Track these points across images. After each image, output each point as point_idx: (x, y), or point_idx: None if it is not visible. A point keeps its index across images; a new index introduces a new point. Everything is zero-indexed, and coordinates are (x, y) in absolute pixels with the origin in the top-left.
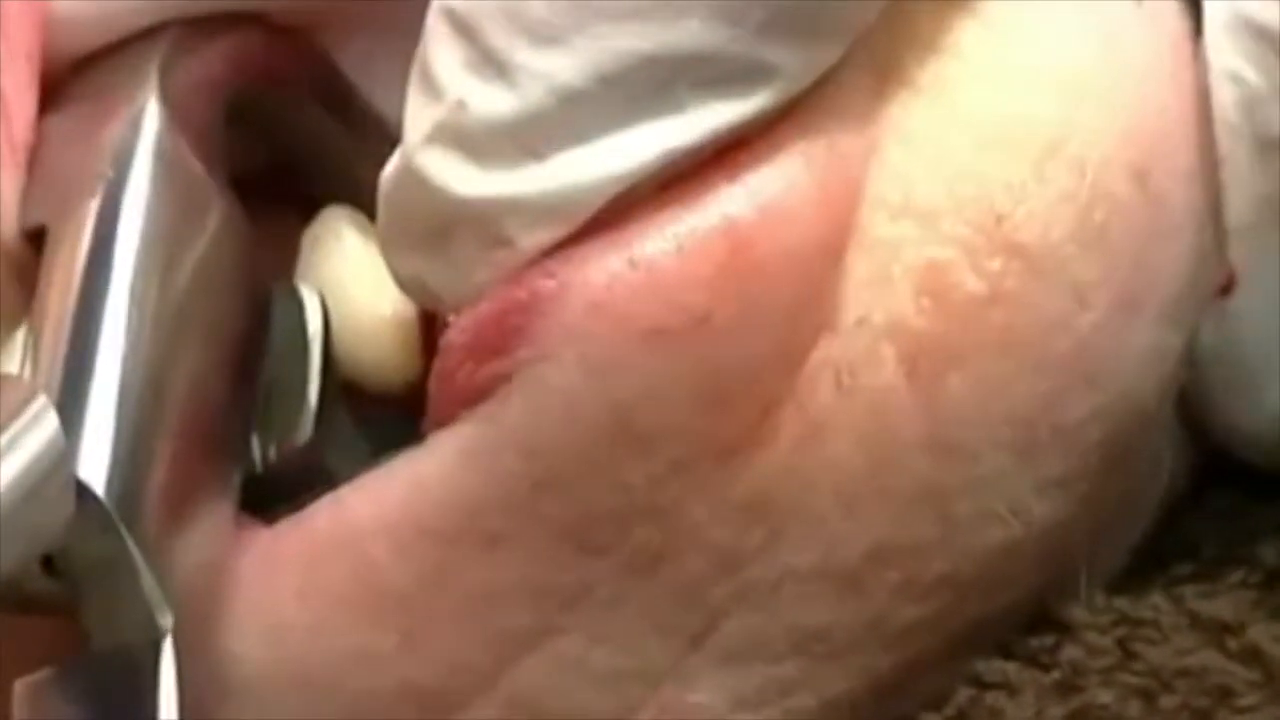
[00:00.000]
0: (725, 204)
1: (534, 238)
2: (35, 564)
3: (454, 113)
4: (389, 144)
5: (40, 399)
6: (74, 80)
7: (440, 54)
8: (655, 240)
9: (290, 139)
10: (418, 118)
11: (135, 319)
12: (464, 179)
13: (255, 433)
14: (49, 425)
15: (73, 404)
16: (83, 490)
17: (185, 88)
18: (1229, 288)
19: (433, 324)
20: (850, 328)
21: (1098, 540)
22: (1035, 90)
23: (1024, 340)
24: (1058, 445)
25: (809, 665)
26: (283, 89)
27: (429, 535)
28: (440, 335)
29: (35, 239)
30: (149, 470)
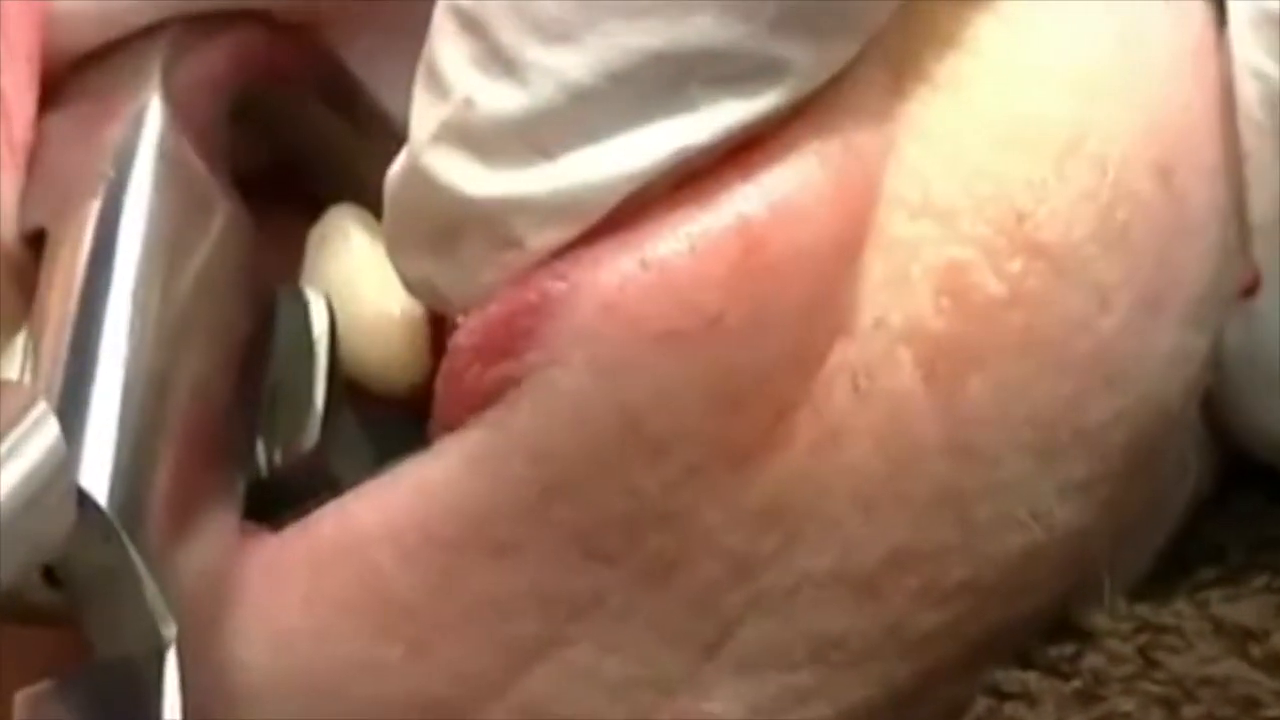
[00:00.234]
0: (739, 203)
1: (543, 238)
2: (36, 574)
3: (461, 111)
4: (396, 142)
5: (40, 405)
6: (74, 79)
7: (447, 51)
8: (667, 240)
9: (295, 137)
10: (424, 116)
11: (137, 323)
12: (472, 178)
13: (260, 438)
14: (49, 432)
15: (74, 410)
16: (84, 498)
17: (188, 86)
18: (1253, 288)
19: (441, 325)
20: (867, 329)
21: (1121, 545)
22: (1055, 87)
23: (1045, 342)
24: (1080, 448)
25: (826, 673)
26: (287, 87)
27: (436, 542)
28: (449, 336)
29: (35, 241)
30: (152, 477)
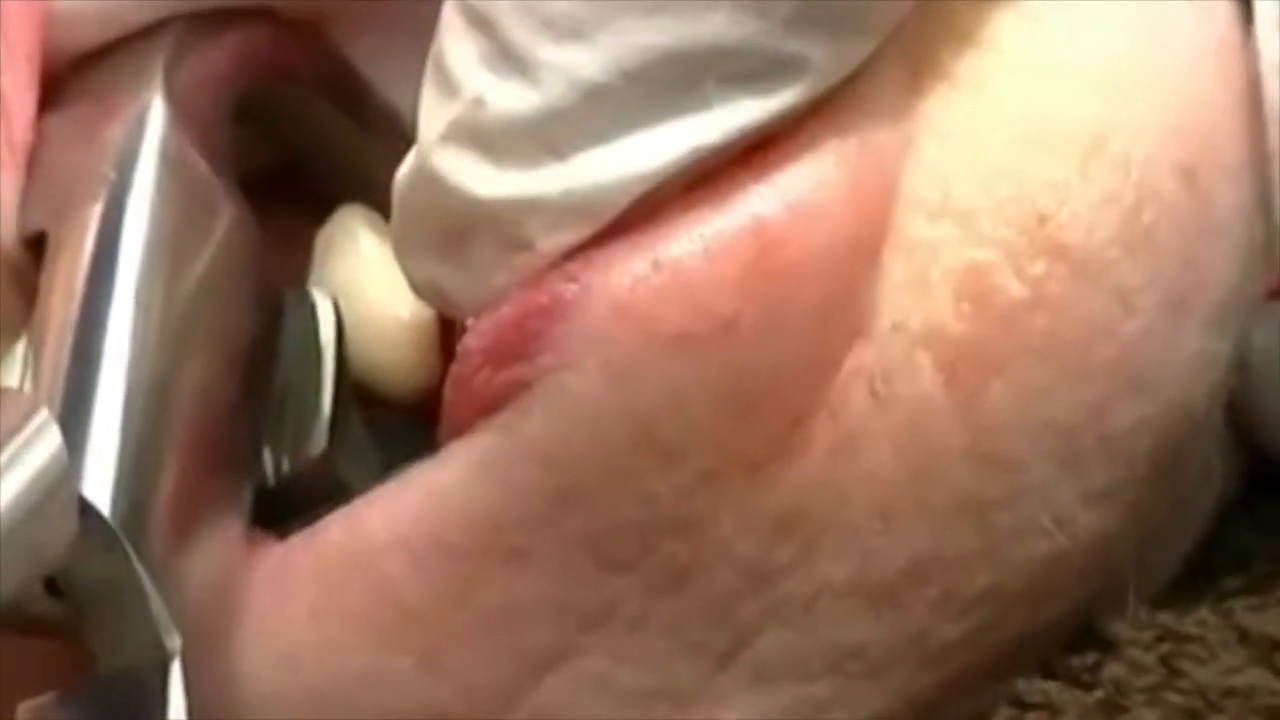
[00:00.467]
0: (753, 203)
1: (555, 240)
2: (38, 585)
3: (471, 110)
4: (404, 141)
5: (42, 413)
6: (75, 78)
7: (456, 49)
8: (681, 241)
9: (300, 137)
10: (433, 116)
11: (140, 328)
12: (482, 179)
13: (266, 444)
14: (51, 440)
15: (75, 418)
16: (86, 508)
17: (190, 85)
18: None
19: (451, 328)
20: (885, 333)
21: (1146, 551)
22: (1077, 85)
23: (1068, 346)
24: (1103, 454)
25: (844, 684)
26: (291, 85)
27: (446, 550)
28: (458, 340)
29: (35, 245)
30: (155, 486)
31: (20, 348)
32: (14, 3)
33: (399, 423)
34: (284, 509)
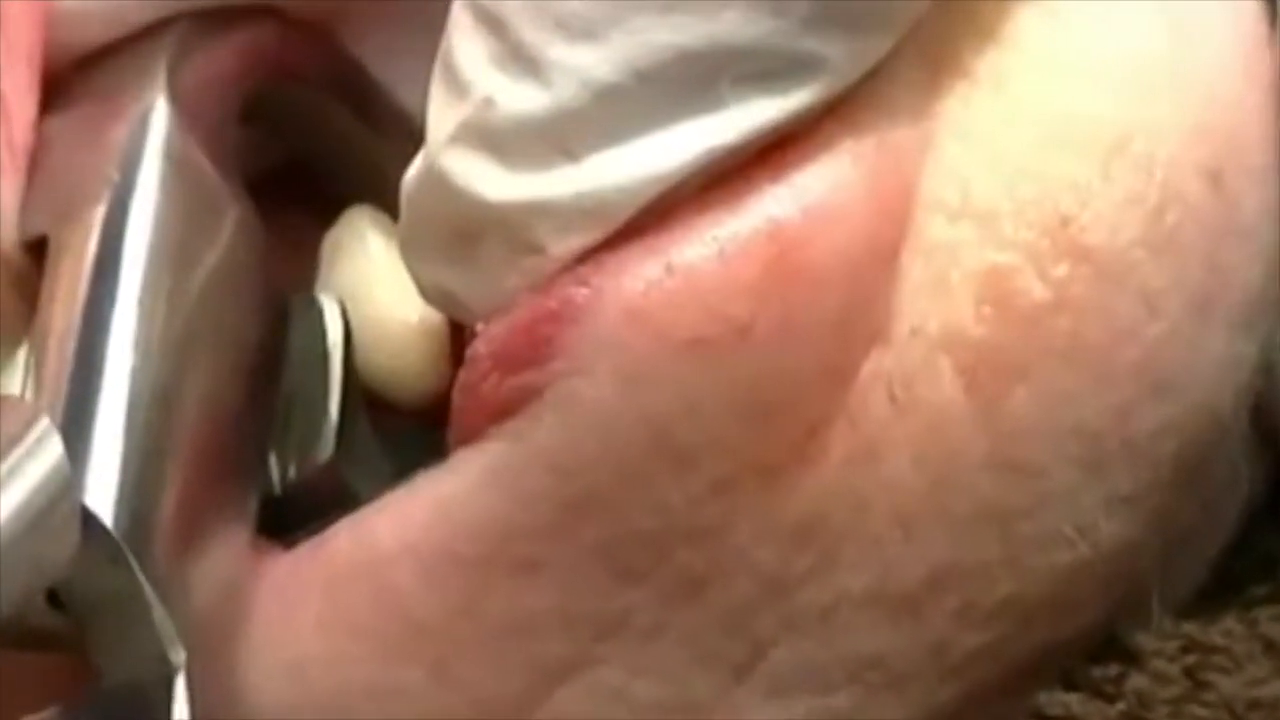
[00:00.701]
0: (769, 205)
1: (566, 243)
2: (39, 597)
3: (481, 111)
4: (414, 142)
5: (43, 422)
6: (77, 79)
7: (466, 49)
8: (695, 245)
9: (307, 138)
10: (442, 117)
11: (144, 333)
12: (492, 181)
13: (272, 451)
14: (53, 450)
15: (78, 427)
16: (89, 519)
17: (195, 85)
18: None
19: (461, 333)
20: (904, 337)
21: (1171, 558)
22: (1100, 84)
23: (1091, 349)
24: (1128, 459)
25: (863, 696)
26: (299, 85)
27: (456, 560)
28: (468, 345)
29: (37, 249)
30: (159, 496)
31: (21, 354)
32: (14, 3)
33: (408, 429)
34: (291, 517)
